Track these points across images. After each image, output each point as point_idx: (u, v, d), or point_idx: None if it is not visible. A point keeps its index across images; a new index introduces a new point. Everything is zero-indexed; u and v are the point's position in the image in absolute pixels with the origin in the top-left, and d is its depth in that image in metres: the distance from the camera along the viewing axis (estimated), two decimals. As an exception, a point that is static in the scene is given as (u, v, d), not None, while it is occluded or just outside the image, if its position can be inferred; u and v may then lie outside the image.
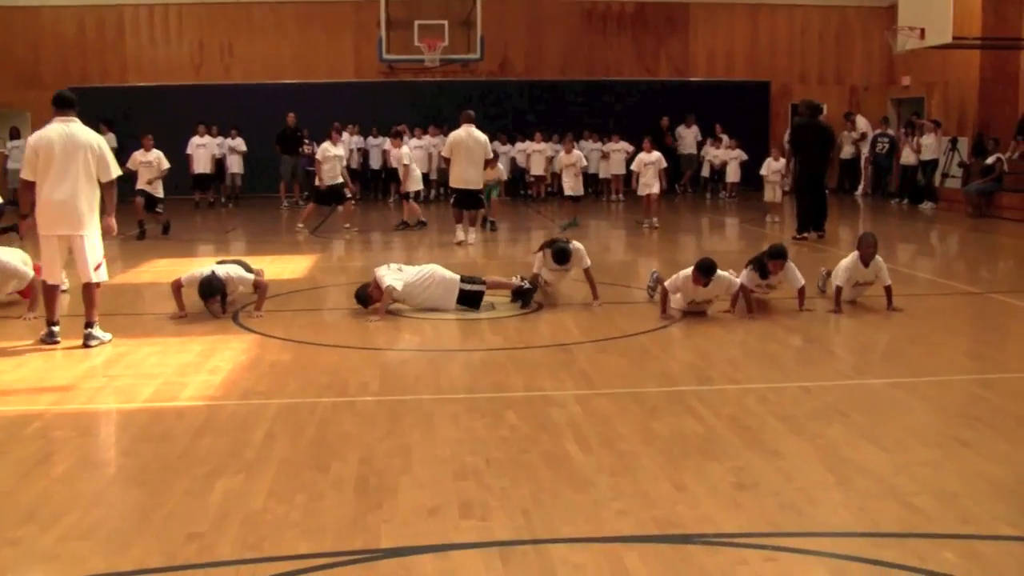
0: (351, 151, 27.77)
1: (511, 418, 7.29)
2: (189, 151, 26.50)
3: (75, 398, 8.05)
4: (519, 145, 28.67)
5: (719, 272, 10.60)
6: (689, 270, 10.66)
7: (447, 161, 18.37)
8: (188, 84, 29.29)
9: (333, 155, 20.80)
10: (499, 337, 10.19)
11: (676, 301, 11.01)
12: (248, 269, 11.73)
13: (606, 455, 6.45)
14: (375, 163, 28.78)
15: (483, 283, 11.69)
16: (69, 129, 9.78)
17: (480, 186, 18.39)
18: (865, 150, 28.53)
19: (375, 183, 29.26)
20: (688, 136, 29.51)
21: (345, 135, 27.51)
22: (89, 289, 9.98)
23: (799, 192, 19.03)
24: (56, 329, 9.92)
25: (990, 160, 23.39)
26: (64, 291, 10.90)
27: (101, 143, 9.95)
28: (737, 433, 6.88)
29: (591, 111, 29.90)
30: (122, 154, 23.65)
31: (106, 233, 10.13)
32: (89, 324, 9.92)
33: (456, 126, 18.38)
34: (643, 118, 28.58)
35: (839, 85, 31.36)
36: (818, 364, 8.97)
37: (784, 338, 10.06)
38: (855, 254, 11.09)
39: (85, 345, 9.75)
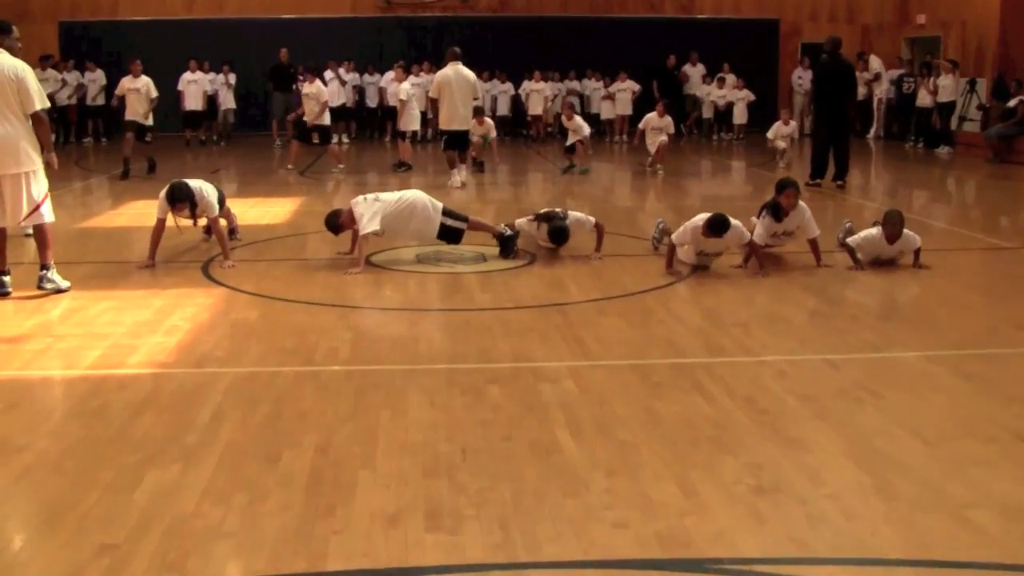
0: (348, 87, 26.97)
1: (495, 395, 6.40)
2: (180, 87, 25.65)
3: (11, 362, 7.19)
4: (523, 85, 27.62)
5: (732, 223, 9.71)
6: (698, 220, 9.78)
7: (434, 102, 17.39)
8: (180, 19, 28.19)
9: (305, 93, 19.94)
10: (487, 295, 9.27)
11: (684, 253, 10.13)
12: (222, 202, 11.02)
13: (602, 446, 5.55)
14: (371, 101, 27.82)
15: (466, 220, 10.88)
16: None
17: (469, 126, 17.55)
18: (878, 91, 27.41)
19: (371, 122, 28.30)
20: (694, 75, 28.52)
21: (341, 71, 26.71)
22: (40, 231, 9.31)
23: (817, 134, 17.91)
24: (6, 279, 9.08)
25: (1012, 103, 22.33)
26: (29, 235, 10.43)
27: (20, 71, 9.05)
28: (753, 418, 5.97)
29: (594, 49, 28.80)
30: (112, 89, 22.95)
31: (48, 167, 9.44)
32: (44, 267, 9.27)
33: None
34: (647, 56, 27.59)
35: (850, 24, 30.17)
36: (841, 332, 7.99)
37: (800, 299, 9.15)
38: (879, 230, 10.15)
39: (39, 287, 9.19)
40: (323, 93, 19.83)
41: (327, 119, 20.06)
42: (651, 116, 20.11)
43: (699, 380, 6.68)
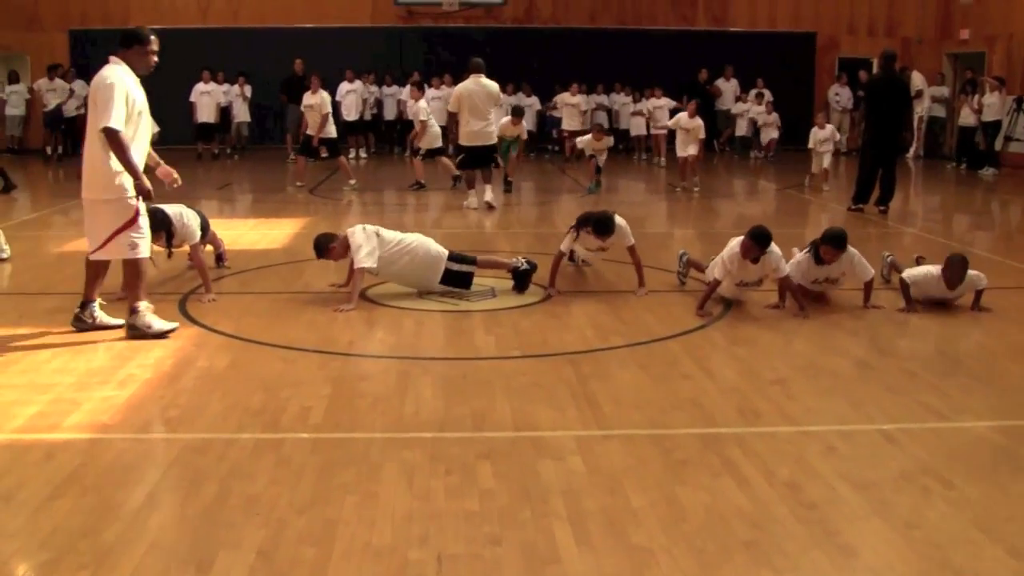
0: (365, 100, 26.01)
1: (486, 476, 5.34)
2: (192, 99, 24.89)
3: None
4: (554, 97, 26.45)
5: (772, 247, 8.69)
6: (734, 246, 8.78)
7: (453, 117, 16.26)
8: (194, 28, 27.28)
9: (307, 104, 19.03)
10: (492, 338, 8.20)
11: (723, 288, 9.05)
12: (204, 228, 10.07)
13: (610, 553, 4.47)
14: (390, 114, 26.85)
15: (474, 262, 9.75)
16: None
17: (493, 141, 16.25)
18: (919, 109, 26.17)
19: (389, 135, 27.32)
20: (727, 90, 27.42)
21: (359, 83, 25.81)
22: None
23: (864, 156, 16.67)
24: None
25: (1061, 122, 21.17)
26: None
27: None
28: (798, 514, 4.88)
29: (622, 62, 27.73)
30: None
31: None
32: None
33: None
34: (678, 70, 26.56)
35: (890, 37, 28.97)
36: (896, 392, 6.87)
37: (846, 347, 8.06)
38: (938, 271, 9.05)
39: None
40: (325, 104, 18.71)
41: (332, 131, 18.99)
42: (682, 115, 19.20)
43: (731, 457, 5.59)
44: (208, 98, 25.05)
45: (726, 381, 7.10)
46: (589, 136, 19.19)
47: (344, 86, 25.41)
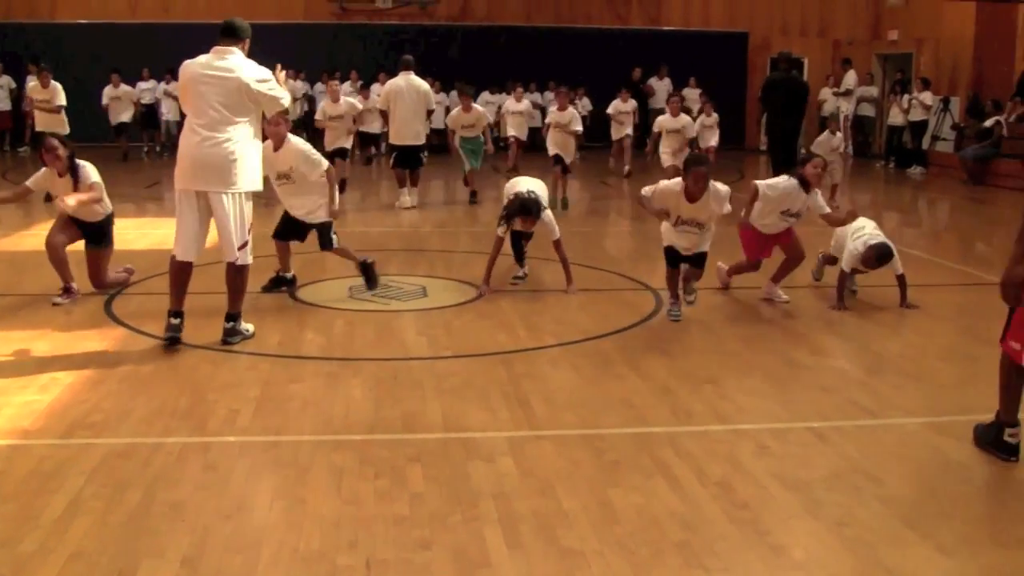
0: (297, 99, 25.60)
1: (416, 479, 5.27)
2: (104, 102, 23.69)
3: None
4: (488, 98, 26.00)
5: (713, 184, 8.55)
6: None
7: (384, 115, 16.10)
8: (123, 23, 26.89)
9: None
10: (423, 339, 8.13)
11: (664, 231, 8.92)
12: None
13: (541, 556, 4.42)
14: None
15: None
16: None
17: (423, 141, 16.07)
18: (845, 107, 26.31)
19: (323, 134, 27.01)
20: (660, 89, 27.43)
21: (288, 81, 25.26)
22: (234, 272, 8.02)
23: (773, 151, 17.05)
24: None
25: (989, 123, 21.38)
26: None
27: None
28: (730, 515, 4.85)
29: (557, 61, 27.70)
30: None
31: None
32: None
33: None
34: (613, 68, 26.52)
35: (822, 38, 29.29)
36: (828, 390, 6.86)
37: (779, 347, 8.04)
38: (863, 247, 9.08)
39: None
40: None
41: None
42: (617, 102, 18.94)
43: (663, 458, 5.56)
44: (119, 103, 23.90)
45: (659, 381, 7.06)
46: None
47: None
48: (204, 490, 5.13)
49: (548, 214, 9.61)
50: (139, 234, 12.77)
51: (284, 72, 8.10)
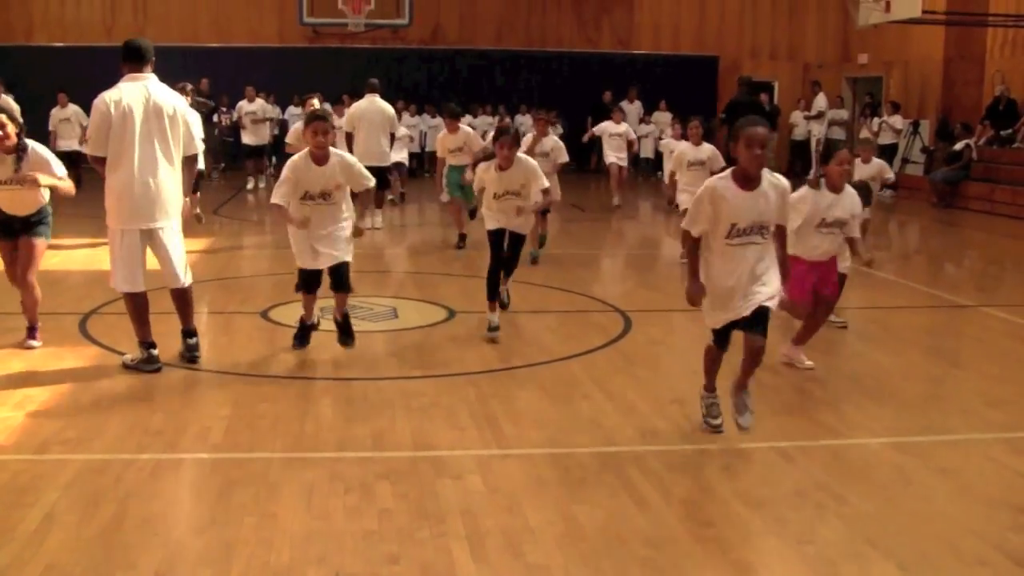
0: (267, 121, 25.50)
1: (385, 495, 5.32)
2: (51, 127, 22.02)
3: None
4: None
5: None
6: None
7: (349, 137, 16.12)
8: (99, 45, 26.80)
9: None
10: (393, 359, 8.18)
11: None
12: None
13: (507, 573, 4.48)
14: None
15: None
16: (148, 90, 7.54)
17: (387, 162, 16.06)
18: (817, 130, 26.60)
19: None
20: (631, 112, 27.55)
21: (259, 102, 25.05)
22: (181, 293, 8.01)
23: None
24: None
25: (958, 146, 21.60)
26: None
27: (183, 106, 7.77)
28: (694, 533, 4.92)
29: (528, 84, 27.91)
30: (27, 115, 21.75)
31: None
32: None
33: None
34: (583, 92, 26.73)
35: (791, 61, 29.57)
36: (791, 410, 6.96)
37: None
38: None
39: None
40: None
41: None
42: (607, 124, 18.86)
43: (630, 476, 5.63)
44: (68, 124, 22.21)
45: (625, 401, 7.13)
46: None
47: (243, 105, 23.46)
48: (176, 504, 5.19)
49: (532, 163, 9.05)
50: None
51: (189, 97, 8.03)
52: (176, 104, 7.59)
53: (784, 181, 6.21)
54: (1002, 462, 6.01)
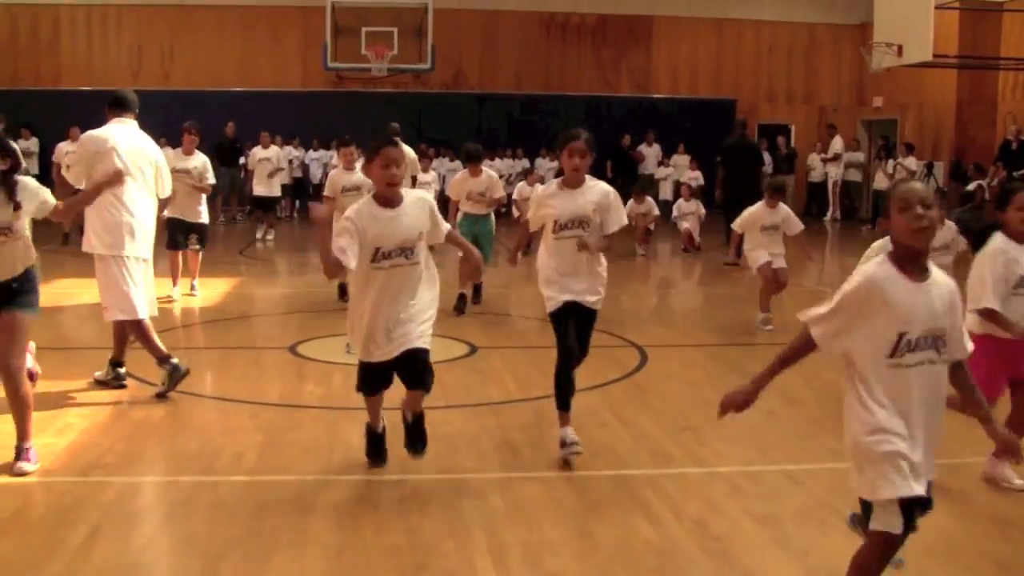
0: (289, 162, 25.94)
1: (412, 513, 5.66)
2: (55, 158, 21.60)
3: None
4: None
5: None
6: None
7: None
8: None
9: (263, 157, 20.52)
10: (418, 391, 8.51)
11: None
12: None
13: (528, 580, 4.82)
14: (317, 177, 27.03)
15: None
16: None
17: None
18: (834, 172, 27.01)
19: (316, 198, 27.46)
20: (649, 155, 27.98)
21: (274, 149, 25.04)
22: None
23: (729, 213, 17.61)
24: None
25: (971, 187, 21.91)
26: None
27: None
28: (703, 545, 5.25)
29: (547, 127, 28.31)
30: (43, 157, 22.35)
31: None
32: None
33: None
34: (602, 135, 26.95)
35: (807, 104, 29.95)
36: (802, 437, 7.27)
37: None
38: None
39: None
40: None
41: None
42: (756, 211, 17.81)
43: (643, 497, 5.96)
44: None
45: (640, 428, 7.46)
46: None
47: (256, 151, 22.59)
48: (214, 523, 5.50)
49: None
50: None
51: None
52: (151, 150, 8.43)
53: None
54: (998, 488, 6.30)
